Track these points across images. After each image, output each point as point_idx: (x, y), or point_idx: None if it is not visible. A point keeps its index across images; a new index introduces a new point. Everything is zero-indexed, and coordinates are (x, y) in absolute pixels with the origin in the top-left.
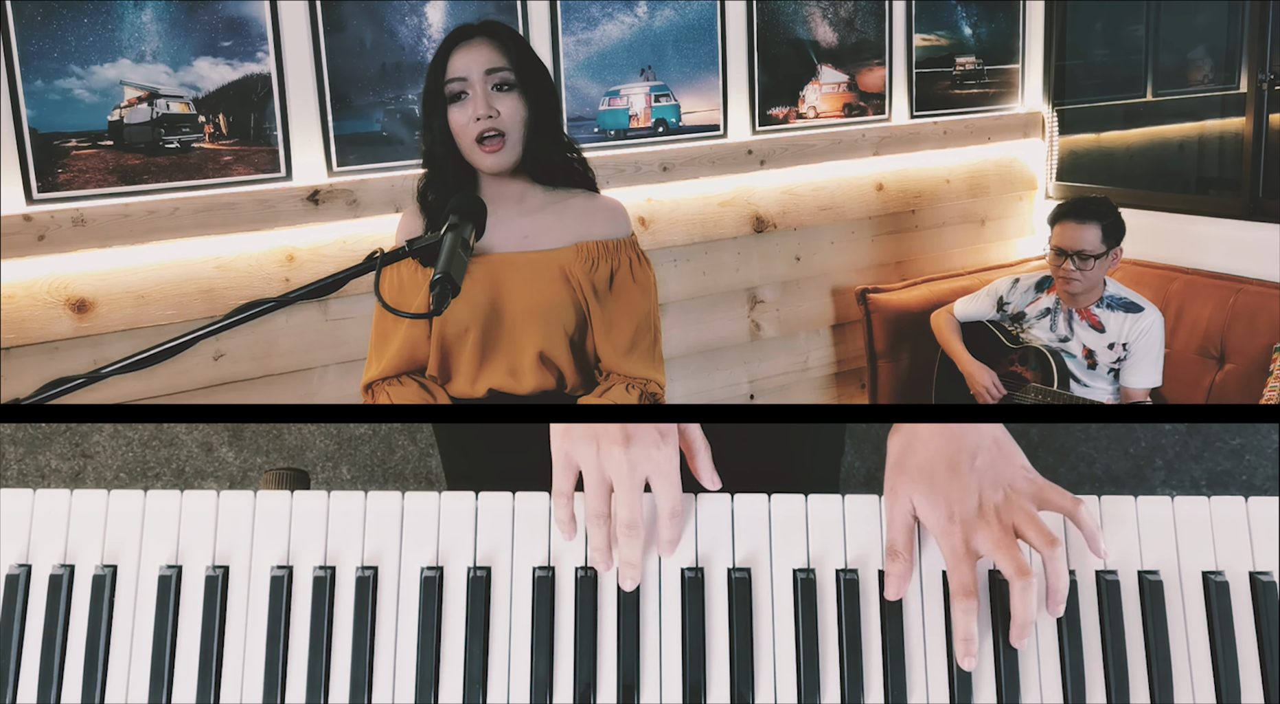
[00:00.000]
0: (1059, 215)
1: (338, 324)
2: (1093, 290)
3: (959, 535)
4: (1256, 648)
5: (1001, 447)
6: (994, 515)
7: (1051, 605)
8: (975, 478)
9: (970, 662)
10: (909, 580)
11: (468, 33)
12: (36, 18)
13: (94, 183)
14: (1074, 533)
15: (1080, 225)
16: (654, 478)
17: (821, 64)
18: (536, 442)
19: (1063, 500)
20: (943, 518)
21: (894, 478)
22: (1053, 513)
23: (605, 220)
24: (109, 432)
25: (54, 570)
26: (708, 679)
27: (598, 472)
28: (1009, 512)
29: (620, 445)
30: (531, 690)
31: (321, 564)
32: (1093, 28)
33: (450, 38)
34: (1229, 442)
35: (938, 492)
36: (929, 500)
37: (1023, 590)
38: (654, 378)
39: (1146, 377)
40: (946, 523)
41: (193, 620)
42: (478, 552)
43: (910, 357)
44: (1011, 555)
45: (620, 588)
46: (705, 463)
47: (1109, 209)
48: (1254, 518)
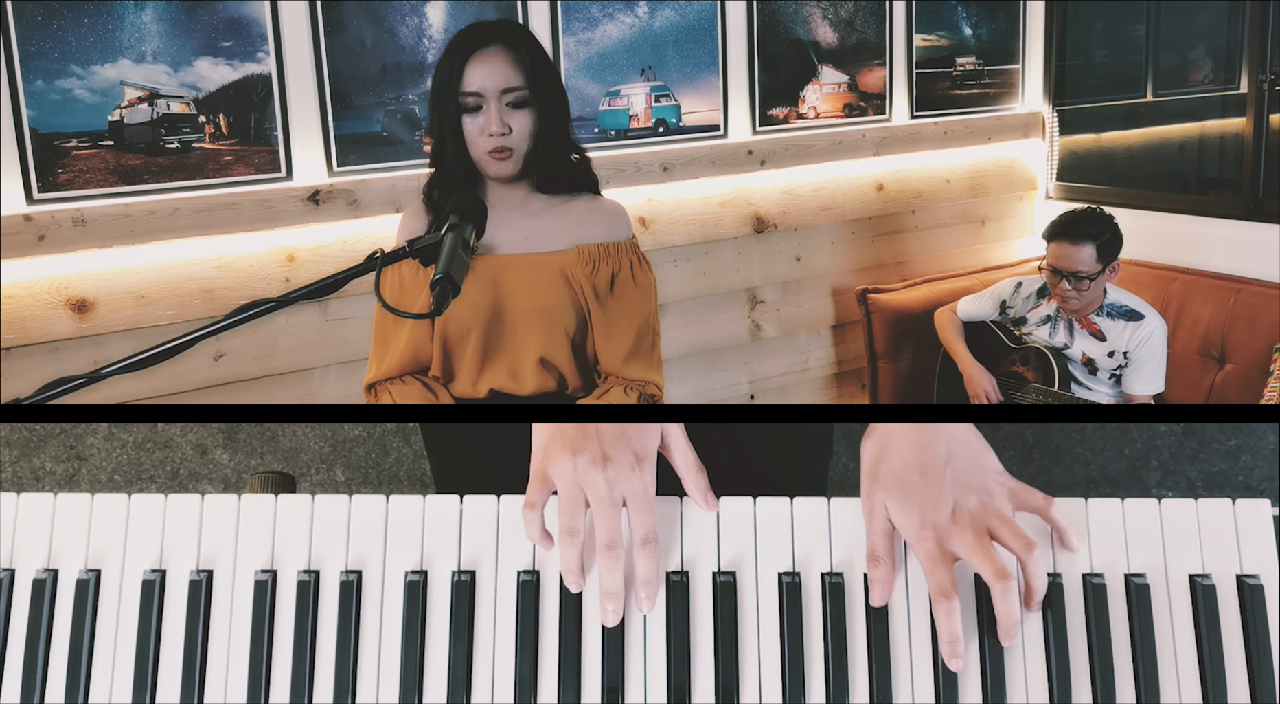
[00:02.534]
0: (1053, 233)
1: (338, 324)
2: (1092, 302)
3: (933, 541)
4: (1243, 651)
5: (973, 450)
6: (968, 521)
7: (1030, 606)
8: (949, 484)
9: (958, 663)
10: (892, 585)
11: (484, 38)
12: (37, 18)
13: (94, 183)
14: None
15: (1075, 246)
16: (630, 501)
17: (822, 64)
18: (526, 446)
19: (1034, 499)
20: (915, 524)
21: (869, 485)
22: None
23: (607, 223)
24: (104, 434)
25: (38, 575)
26: (692, 682)
27: (573, 488)
28: (984, 516)
29: (599, 466)
30: (515, 694)
31: (306, 568)
32: (1093, 28)
33: (465, 41)
34: (1225, 443)
35: (911, 498)
36: (903, 507)
37: (1003, 593)
38: (653, 380)
39: (1149, 383)
40: (920, 529)
41: (177, 624)
42: (462, 555)
43: (910, 357)
44: (988, 558)
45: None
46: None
47: (1104, 225)
48: (1241, 520)
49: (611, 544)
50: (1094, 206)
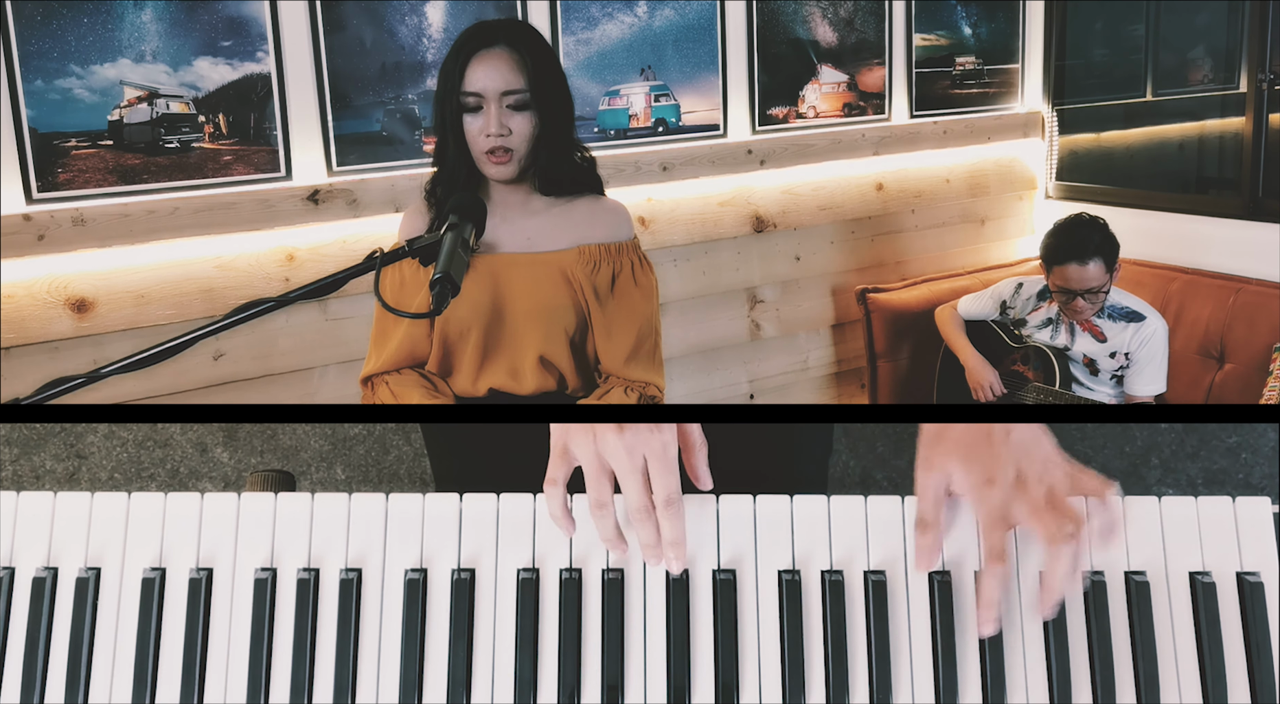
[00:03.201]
0: (1058, 258)
1: (338, 324)
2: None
3: (996, 500)
4: (1243, 649)
5: (1033, 428)
6: (1030, 487)
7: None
8: (1013, 450)
9: (990, 628)
10: (939, 552)
11: (488, 38)
12: (36, 17)
13: (94, 183)
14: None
15: (1083, 266)
16: (651, 461)
17: (821, 64)
18: (525, 443)
19: (1091, 482)
20: (981, 483)
21: (929, 450)
22: None
23: (608, 223)
24: (104, 433)
25: (37, 573)
26: (692, 681)
27: (596, 461)
28: (1044, 485)
29: (615, 432)
30: (516, 692)
31: (305, 566)
32: (1093, 27)
33: (470, 40)
34: (1225, 440)
35: (977, 459)
36: (966, 467)
37: (1055, 557)
38: (654, 381)
39: (1151, 384)
40: (985, 488)
41: (176, 623)
42: (462, 554)
43: (910, 356)
44: (1048, 520)
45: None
46: (701, 460)
47: (1100, 232)
48: (1242, 518)
49: (641, 507)
50: (1080, 214)
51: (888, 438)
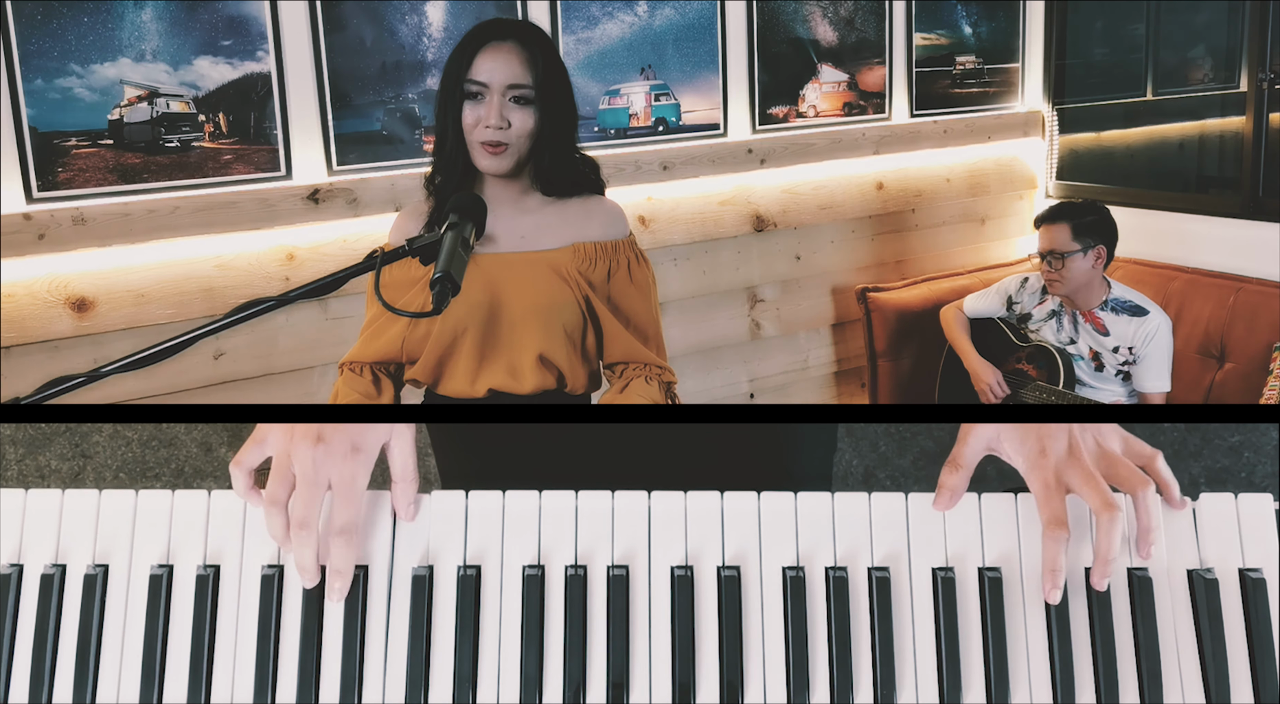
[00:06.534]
0: (1037, 221)
1: (338, 323)
2: (1087, 291)
3: (1051, 469)
4: (1246, 646)
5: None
6: (1082, 454)
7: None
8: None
9: (1056, 595)
10: (960, 497)
11: (501, 33)
12: (36, 16)
13: (94, 182)
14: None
15: (1051, 226)
16: (335, 487)
17: (821, 63)
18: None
19: (1143, 450)
20: (1035, 452)
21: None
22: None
23: (603, 222)
24: (108, 432)
25: (46, 570)
26: (697, 677)
27: (285, 459)
28: (1097, 452)
29: (310, 442)
30: (521, 689)
31: None
32: (1093, 27)
33: (482, 32)
34: (1228, 439)
35: (1029, 430)
36: (1020, 436)
37: (1109, 523)
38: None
39: (1157, 381)
40: (1039, 457)
41: (183, 620)
42: (467, 550)
43: (910, 355)
44: (1100, 488)
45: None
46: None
47: (1088, 209)
48: (1244, 515)
49: (304, 523)
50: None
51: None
